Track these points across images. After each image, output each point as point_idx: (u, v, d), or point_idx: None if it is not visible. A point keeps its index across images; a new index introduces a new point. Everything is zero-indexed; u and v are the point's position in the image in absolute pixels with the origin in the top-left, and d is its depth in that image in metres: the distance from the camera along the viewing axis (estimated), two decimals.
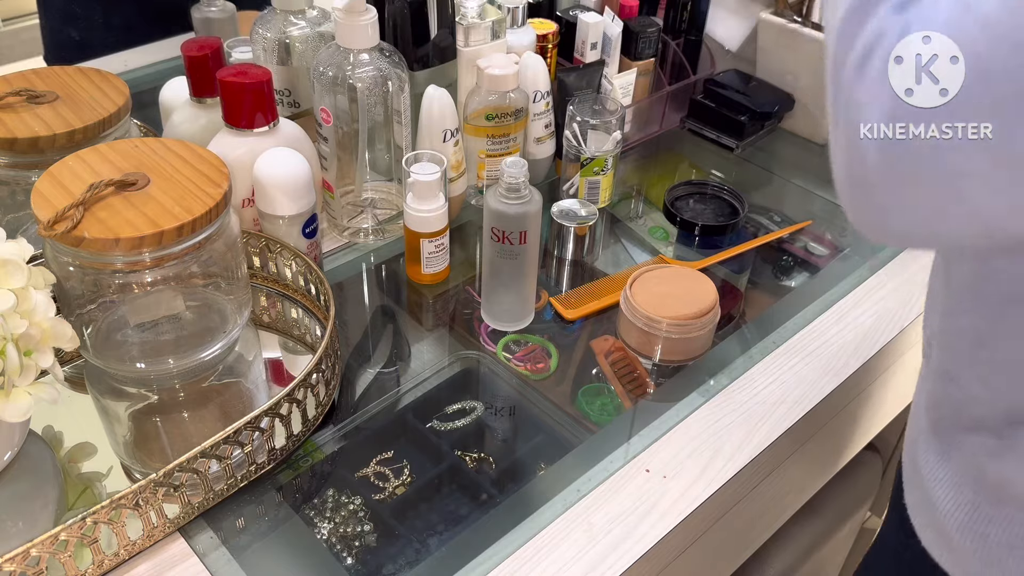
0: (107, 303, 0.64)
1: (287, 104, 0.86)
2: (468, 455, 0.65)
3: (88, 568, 0.54)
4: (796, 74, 1.01)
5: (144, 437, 0.65)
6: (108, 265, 0.59)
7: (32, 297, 0.54)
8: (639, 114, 1.02)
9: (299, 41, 0.82)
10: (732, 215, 0.89)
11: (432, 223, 0.76)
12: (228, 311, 0.68)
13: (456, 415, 0.68)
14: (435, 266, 0.79)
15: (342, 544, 0.59)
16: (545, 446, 0.67)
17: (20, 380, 0.54)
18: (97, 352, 0.64)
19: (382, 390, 0.71)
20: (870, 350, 0.75)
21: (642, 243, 0.89)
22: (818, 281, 0.83)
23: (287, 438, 0.62)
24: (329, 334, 0.64)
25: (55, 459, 0.62)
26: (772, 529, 0.87)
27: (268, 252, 0.75)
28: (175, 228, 0.58)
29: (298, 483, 0.63)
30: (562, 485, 0.62)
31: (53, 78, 0.75)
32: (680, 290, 0.72)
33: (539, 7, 0.96)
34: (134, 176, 0.60)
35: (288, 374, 0.73)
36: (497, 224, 0.69)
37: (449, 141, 0.80)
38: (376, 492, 0.62)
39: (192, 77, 0.76)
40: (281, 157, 0.70)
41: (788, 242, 0.89)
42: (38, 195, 0.59)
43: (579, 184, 0.88)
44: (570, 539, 0.58)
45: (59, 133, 0.69)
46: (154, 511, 0.55)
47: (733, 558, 0.83)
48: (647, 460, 0.64)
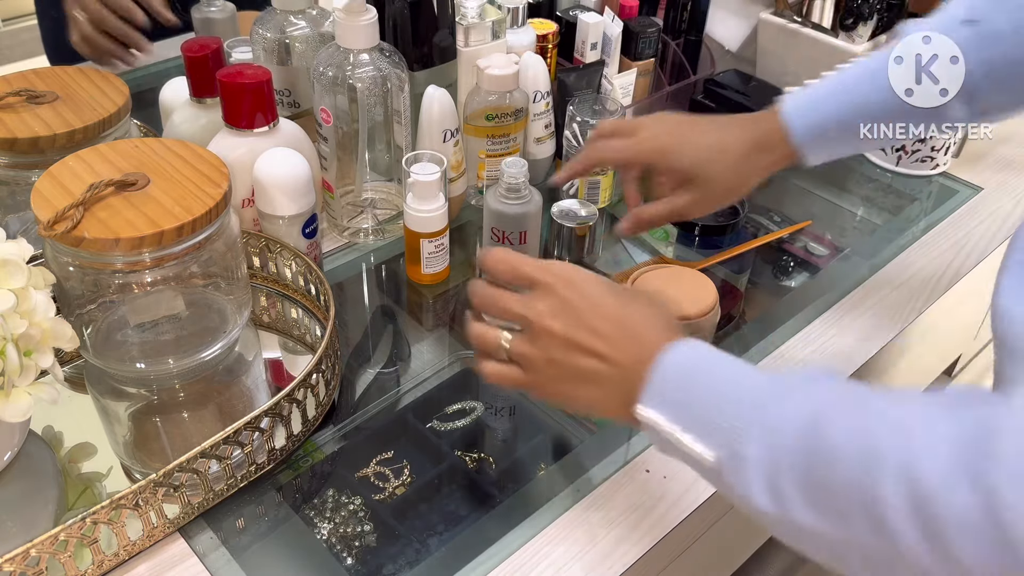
0: (107, 303, 0.64)
1: (287, 104, 0.86)
2: (468, 455, 0.65)
3: (88, 568, 0.54)
4: (796, 74, 1.01)
5: (144, 437, 0.65)
6: (108, 265, 0.59)
7: (32, 297, 0.54)
8: (639, 114, 1.02)
9: (299, 41, 0.82)
10: (732, 215, 0.89)
11: (432, 223, 0.76)
12: (228, 311, 0.68)
13: (456, 415, 0.68)
14: (435, 266, 0.79)
15: (342, 544, 0.59)
16: (545, 446, 0.67)
17: (20, 380, 0.54)
18: (97, 352, 0.64)
19: (382, 390, 0.71)
20: (870, 350, 0.75)
21: (642, 243, 0.89)
22: (818, 281, 0.83)
23: (287, 438, 0.62)
24: (329, 334, 0.64)
25: (55, 459, 0.62)
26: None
27: (268, 252, 0.75)
28: (175, 228, 0.57)
29: (298, 483, 0.63)
30: (562, 485, 0.62)
31: (53, 78, 0.75)
32: (680, 290, 0.72)
33: (539, 7, 0.96)
34: (134, 176, 0.60)
35: (288, 374, 0.73)
36: (497, 224, 0.68)
37: (449, 141, 0.80)
38: (376, 492, 0.62)
39: (192, 77, 0.76)
40: (281, 157, 0.70)
41: (788, 242, 0.89)
42: (38, 195, 0.59)
43: (579, 184, 0.88)
44: (570, 539, 0.58)
45: (59, 133, 0.69)
46: (154, 511, 0.55)
47: (733, 559, 0.83)
48: (647, 460, 0.64)
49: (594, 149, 0.72)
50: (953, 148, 0.97)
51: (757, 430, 0.44)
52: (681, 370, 0.48)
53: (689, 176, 0.68)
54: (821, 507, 0.41)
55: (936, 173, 0.98)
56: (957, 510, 0.36)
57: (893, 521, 0.37)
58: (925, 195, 0.95)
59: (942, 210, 0.93)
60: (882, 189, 0.97)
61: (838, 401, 0.43)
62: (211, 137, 0.73)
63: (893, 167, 0.99)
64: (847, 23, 0.95)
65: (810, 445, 0.41)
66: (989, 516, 0.35)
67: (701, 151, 0.68)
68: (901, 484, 0.37)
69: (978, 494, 0.35)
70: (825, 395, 0.44)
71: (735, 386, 0.46)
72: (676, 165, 0.68)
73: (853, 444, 0.40)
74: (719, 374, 0.47)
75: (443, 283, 0.81)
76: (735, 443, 0.44)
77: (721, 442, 0.45)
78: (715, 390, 0.46)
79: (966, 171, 0.98)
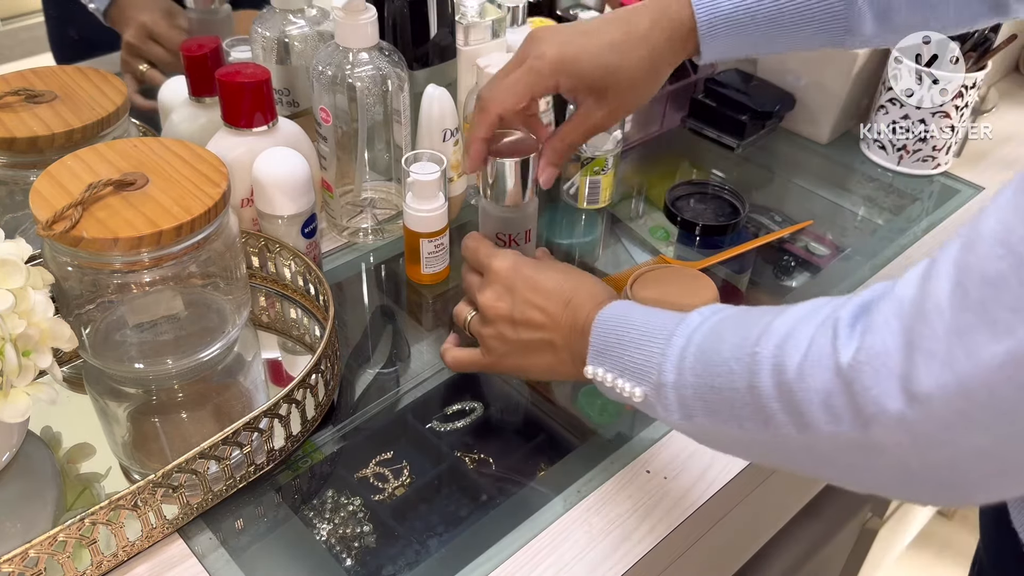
0: (106, 303, 0.64)
1: (286, 103, 0.86)
2: (468, 456, 0.65)
3: (87, 569, 0.54)
4: (797, 73, 1.01)
5: (143, 438, 0.65)
6: (107, 265, 0.58)
7: (31, 297, 0.54)
8: (639, 114, 1.02)
9: (298, 40, 0.82)
10: (733, 215, 0.89)
11: (432, 223, 0.76)
12: (227, 311, 0.68)
13: (456, 416, 0.68)
14: (435, 266, 0.79)
15: (341, 545, 0.59)
16: (545, 446, 0.66)
17: (19, 380, 0.53)
18: (96, 352, 0.64)
19: (382, 390, 0.70)
20: None
21: (643, 243, 0.89)
22: (819, 281, 0.83)
23: (286, 439, 0.62)
24: (328, 334, 0.64)
25: (54, 460, 0.62)
26: (773, 530, 0.87)
27: (267, 252, 0.74)
28: (174, 228, 0.57)
29: (297, 484, 0.62)
30: (562, 486, 0.62)
31: (52, 78, 0.75)
32: (681, 290, 0.72)
33: (539, 6, 0.96)
34: (133, 176, 0.60)
35: (287, 374, 0.73)
36: (503, 230, 0.68)
37: (449, 141, 0.80)
38: (376, 493, 0.62)
39: (191, 76, 0.75)
40: (280, 157, 0.70)
41: (789, 242, 0.89)
42: (37, 195, 0.58)
43: (579, 184, 0.88)
44: (571, 540, 0.58)
45: (58, 133, 0.69)
46: (153, 512, 0.55)
47: (734, 560, 0.83)
48: (648, 461, 0.64)
49: (485, 108, 0.62)
50: (954, 148, 0.97)
51: (670, 361, 0.49)
52: (611, 324, 0.54)
53: (597, 86, 0.62)
54: (717, 412, 0.46)
55: (937, 173, 0.98)
56: (815, 391, 0.40)
57: (769, 410, 0.43)
58: (926, 195, 0.95)
59: (943, 210, 0.92)
60: (883, 189, 0.97)
61: (730, 318, 0.49)
62: (210, 136, 0.73)
63: (894, 167, 0.98)
64: None
65: (707, 360, 0.47)
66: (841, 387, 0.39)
67: (603, 54, 0.61)
68: (771, 378, 0.42)
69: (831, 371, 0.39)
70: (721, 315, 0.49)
71: (650, 327, 0.52)
72: (580, 77, 0.61)
73: (739, 353, 0.45)
74: (638, 320, 0.53)
75: (443, 283, 0.81)
76: (655, 375, 0.50)
77: (647, 378, 0.51)
78: (637, 334, 0.52)
79: (967, 171, 0.98)
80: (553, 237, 0.90)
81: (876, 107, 0.98)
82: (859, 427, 0.38)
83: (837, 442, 0.40)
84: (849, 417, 0.39)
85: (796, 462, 0.46)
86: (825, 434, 0.40)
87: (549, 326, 0.59)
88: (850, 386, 0.38)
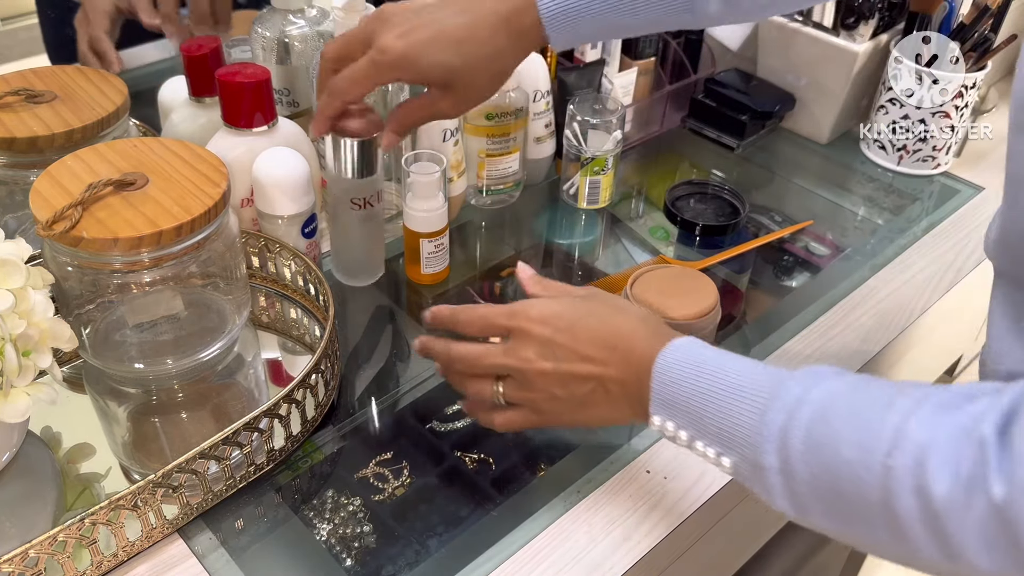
0: (106, 303, 0.64)
1: (286, 103, 0.86)
2: (468, 456, 0.65)
3: (87, 569, 0.54)
4: (797, 73, 1.01)
5: (143, 438, 0.65)
6: (107, 265, 0.58)
7: (30, 297, 0.54)
8: (639, 113, 1.02)
9: (298, 40, 0.82)
10: (733, 215, 0.89)
11: (432, 223, 0.76)
12: (227, 311, 0.68)
13: (456, 416, 0.68)
14: (435, 266, 0.79)
15: (341, 545, 0.59)
16: (545, 446, 0.66)
17: (19, 380, 0.53)
18: (96, 352, 0.64)
19: (382, 390, 0.70)
20: (871, 350, 0.74)
21: (643, 243, 0.88)
22: (819, 281, 0.83)
23: (286, 439, 0.62)
24: (328, 334, 0.64)
25: (54, 460, 0.62)
26: (773, 531, 0.87)
27: (267, 252, 0.74)
28: (174, 228, 0.57)
29: (297, 484, 0.62)
30: (562, 486, 0.62)
31: (51, 78, 0.75)
32: (681, 290, 0.71)
33: None
34: (133, 176, 0.60)
35: (287, 374, 0.73)
36: (356, 194, 0.72)
37: (449, 141, 0.80)
38: (376, 493, 0.62)
39: (191, 76, 0.75)
40: (280, 157, 0.70)
41: (789, 242, 0.89)
42: (37, 195, 0.58)
43: (579, 184, 0.88)
44: (571, 540, 0.58)
45: (58, 133, 0.69)
46: (153, 512, 0.55)
47: (733, 560, 0.83)
48: (648, 461, 0.64)
49: (332, 90, 0.63)
50: (954, 148, 0.97)
51: (769, 442, 0.44)
52: (677, 376, 0.50)
53: (440, 83, 0.62)
54: (842, 516, 0.42)
55: (937, 173, 0.98)
56: (969, 524, 0.37)
57: (912, 532, 0.39)
58: (926, 195, 0.95)
59: (943, 210, 0.92)
60: (883, 189, 0.97)
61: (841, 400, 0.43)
62: (210, 136, 0.73)
63: (894, 167, 0.98)
64: (848, 22, 0.95)
65: (823, 458, 0.42)
66: (999, 524, 0.36)
67: (450, 48, 0.60)
68: (915, 500, 0.39)
69: (985, 504, 0.37)
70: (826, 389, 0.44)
71: (730, 382, 0.47)
72: (422, 74, 0.61)
73: (867, 460, 0.40)
74: (715, 375, 0.48)
75: (443, 283, 0.81)
76: (750, 452, 0.45)
77: (735, 449, 0.46)
78: (717, 394, 0.47)
79: (967, 171, 0.98)
80: (553, 237, 0.90)
81: (876, 107, 0.98)
82: (1021, 565, 0.37)
83: (993, 573, 0.38)
84: (1012, 555, 0.37)
85: (939, 573, 0.43)
86: (983, 568, 0.38)
87: (606, 377, 0.53)
88: (1008, 526, 0.36)
